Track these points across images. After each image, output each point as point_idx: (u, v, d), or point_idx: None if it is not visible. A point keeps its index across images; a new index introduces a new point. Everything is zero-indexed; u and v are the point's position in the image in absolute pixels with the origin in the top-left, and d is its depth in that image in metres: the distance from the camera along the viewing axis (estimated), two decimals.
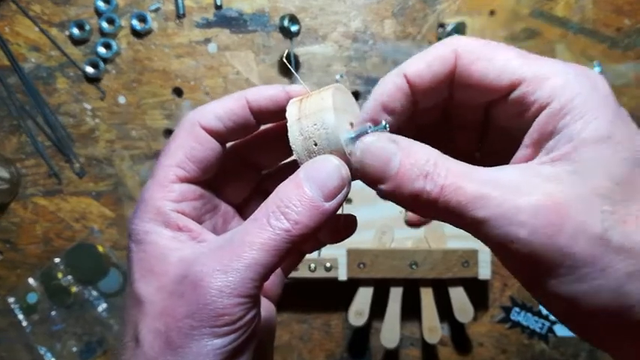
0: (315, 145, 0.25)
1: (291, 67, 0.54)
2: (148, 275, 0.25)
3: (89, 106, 0.65)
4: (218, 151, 0.28)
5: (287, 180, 0.24)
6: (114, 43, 0.64)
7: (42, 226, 0.66)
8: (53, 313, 0.65)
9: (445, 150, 0.28)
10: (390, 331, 0.61)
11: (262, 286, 0.24)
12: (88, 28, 0.64)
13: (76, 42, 0.65)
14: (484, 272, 0.60)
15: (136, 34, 0.65)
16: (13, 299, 0.65)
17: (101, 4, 0.64)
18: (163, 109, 0.65)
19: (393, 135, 0.24)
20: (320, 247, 0.33)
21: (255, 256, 0.23)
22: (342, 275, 0.60)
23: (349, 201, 0.26)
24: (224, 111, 0.28)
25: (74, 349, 0.65)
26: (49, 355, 0.65)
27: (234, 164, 0.31)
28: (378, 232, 0.60)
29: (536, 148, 0.23)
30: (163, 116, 0.65)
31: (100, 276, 0.65)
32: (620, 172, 0.21)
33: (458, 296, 0.61)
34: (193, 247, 0.25)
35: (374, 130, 0.24)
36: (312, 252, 0.34)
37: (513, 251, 0.21)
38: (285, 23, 0.61)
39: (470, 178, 0.22)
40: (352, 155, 0.24)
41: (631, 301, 0.20)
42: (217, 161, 0.28)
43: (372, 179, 0.24)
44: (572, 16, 0.65)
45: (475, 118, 0.27)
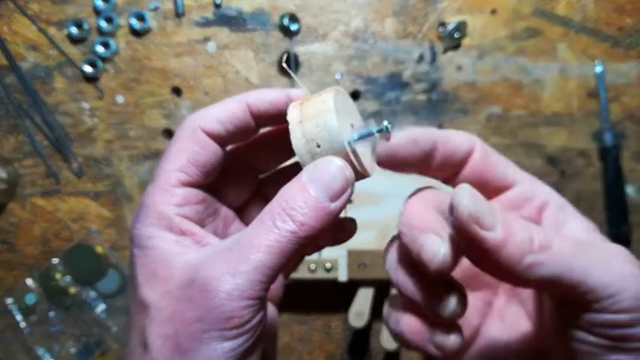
0: (317, 146, 0.24)
1: (291, 72, 0.54)
2: (152, 280, 0.25)
3: (87, 106, 0.65)
4: (219, 154, 0.28)
5: (291, 182, 0.24)
6: (112, 42, 0.64)
7: (40, 226, 0.65)
8: (51, 314, 0.65)
9: None
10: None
11: (269, 287, 0.24)
12: (86, 27, 0.64)
13: (75, 41, 0.64)
14: None
15: (135, 33, 0.64)
16: (11, 300, 0.65)
17: (100, 2, 0.64)
18: (162, 109, 0.65)
19: (484, 199, 0.23)
20: (320, 249, 0.33)
21: (263, 259, 0.23)
22: (343, 276, 0.60)
23: (350, 201, 0.26)
24: (225, 114, 0.28)
25: (72, 350, 0.65)
26: (48, 356, 0.64)
27: (234, 167, 0.31)
28: (379, 233, 0.60)
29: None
30: (162, 116, 0.65)
31: (98, 277, 0.65)
32: None
33: None
34: (198, 251, 0.25)
35: (376, 130, 0.24)
36: (312, 254, 0.34)
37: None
38: (285, 22, 0.60)
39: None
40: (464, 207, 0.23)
41: None
42: (218, 165, 0.28)
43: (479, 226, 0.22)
44: (573, 15, 0.64)
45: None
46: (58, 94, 0.65)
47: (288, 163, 0.33)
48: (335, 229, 0.30)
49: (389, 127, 0.24)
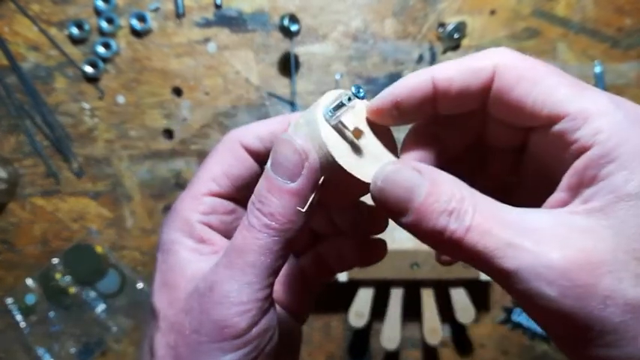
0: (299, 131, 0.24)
1: (293, 71, 0.53)
2: (164, 288, 0.25)
3: (88, 106, 0.65)
4: (255, 170, 0.28)
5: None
6: (113, 43, 0.64)
7: (40, 226, 0.65)
8: (51, 314, 0.65)
9: (477, 173, 0.26)
10: (390, 332, 0.61)
11: (266, 290, 0.23)
12: (87, 27, 0.64)
13: (75, 41, 0.65)
14: None
15: (136, 34, 0.65)
16: (11, 300, 0.65)
17: (100, 3, 0.64)
18: (162, 109, 0.65)
19: (418, 164, 0.22)
20: (349, 268, 0.32)
21: (247, 260, 0.22)
22: (343, 276, 0.60)
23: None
24: (267, 132, 0.28)
25: (72, 350, 0.65)
26: (48, 356, 0.64)
27: None
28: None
29: (573, 194, 0.21)
30: (162, 116, 0.65)
31: (98, 277, 0.65)
32: None
33: (459, 297, 0.61)
34: (207, 261, 0.25)
35: (347, 98, 0.23)
36: (342, 272, 0.32)
37: (540, 307, 0.20)
38: (285, 23, 0.61)
39: (500, 222, 0.20)
40: (374, 184, 0.23)
41: None
42: (253, 180, 0.28)
43: (392, 210, 0.22)
44: (573, 16, 0.65)
45: (512, 142, 0.25)
46: (59, 94, 0.65)
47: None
48: (363, 248, 0.30)
49: (361, 91, 0.23)
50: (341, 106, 0.23)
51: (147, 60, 0.65)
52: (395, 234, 0.60)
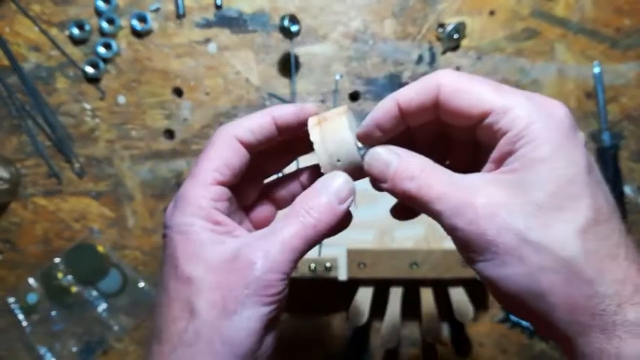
0: (338, 161, 0.32)
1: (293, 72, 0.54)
2: (194, 259, 0.30)
3: (89, 106, 0.65)
4: (247, 159, 0.34)
5: (309, 189, 0.32)
6: (114, 43, 0.64)
7: (42, 226, 0.66)
8: (53, 314, 0.65)
9: (450, 160, 0.35)
10: (390, 331, 0.61)
11: (295, 267, 0.30)
12: (87, 28, 0.64)
13: (76, 42, 0.65)
14: None
15: (136, 34, 0.65)
16: (13, 299, 0.65)
17: (101, 4, 0.64)
18: (163, 109, 0.65)
19: (395, 147, 0.31)
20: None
21: (293, 243, 0.30)
22: (342, 275, 0.60)
23: (356, 207, 0.33)
24: (256, 126, 0.33)
25: (74, 349, 0.65)
26: (49, 355, 0.65)
27: (250, 171, 0.35)
28: (379, 232, 0.60)
29: (498, 164, 0.28)
30: (163, 116, 0.65)
31: (100, 276, 0.65)
32: (554, 186, 0.26)
33: (458, 296, 0.61)
34: (233, 239, 0.31)
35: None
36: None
37: (456, 237, 0.28)
38: (285, 23, 0.61)
39: (440, 181, 0.28)
40: (365, 162, 0.32)
41: (541, 289, 0.25)
42: (245, 169, 0.34)
43: (377, 178, 0.31)
44: (572, 16, 0.65)
45: (466, 137, 0.32)
46: (60, 94, 0.65)
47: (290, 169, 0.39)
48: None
49: None
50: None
51: (147, 60, 0.65)
52: (395, 234, 0.60)
